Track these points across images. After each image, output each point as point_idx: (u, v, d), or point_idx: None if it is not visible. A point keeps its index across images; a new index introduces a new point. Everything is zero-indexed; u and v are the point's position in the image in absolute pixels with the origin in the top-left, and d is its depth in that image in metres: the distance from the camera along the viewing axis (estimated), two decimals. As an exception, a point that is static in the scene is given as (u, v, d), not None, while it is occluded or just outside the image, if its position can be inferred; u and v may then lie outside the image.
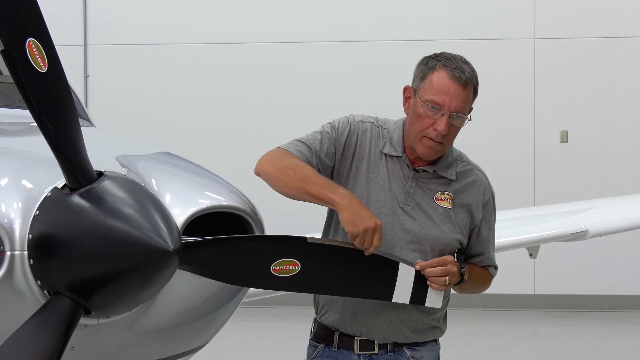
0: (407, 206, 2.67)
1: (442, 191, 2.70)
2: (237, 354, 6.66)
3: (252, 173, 2.64)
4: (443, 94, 2.57)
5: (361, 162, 2.70)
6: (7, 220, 1.93)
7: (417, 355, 2.74)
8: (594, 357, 6.89)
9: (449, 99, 2.57)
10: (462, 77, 2.57)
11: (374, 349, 2.70)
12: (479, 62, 2.48)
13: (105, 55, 8.70)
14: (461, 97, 2.58)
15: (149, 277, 1.90)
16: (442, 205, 2.69)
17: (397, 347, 2.71)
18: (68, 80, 1.95)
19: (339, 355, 2.73)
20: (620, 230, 5.02)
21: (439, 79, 2.59)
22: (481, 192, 2.76)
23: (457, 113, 2.59)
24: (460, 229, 2.71)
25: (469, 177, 2.75)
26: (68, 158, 1.90)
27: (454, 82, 2.57)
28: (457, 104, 2.58)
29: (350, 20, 8.36)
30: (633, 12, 8.35)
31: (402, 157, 2.70)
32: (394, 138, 2.71)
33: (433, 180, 2.71)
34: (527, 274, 8.24)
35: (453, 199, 2.70)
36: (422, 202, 2.68)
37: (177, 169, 2.42)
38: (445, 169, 2.72)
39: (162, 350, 2.30)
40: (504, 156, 8.36)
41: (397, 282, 2.51)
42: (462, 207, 2.72)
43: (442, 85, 2.57)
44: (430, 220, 2.67)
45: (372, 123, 2.74)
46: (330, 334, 2.75)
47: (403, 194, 2.68)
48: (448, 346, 7.56)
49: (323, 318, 2.78)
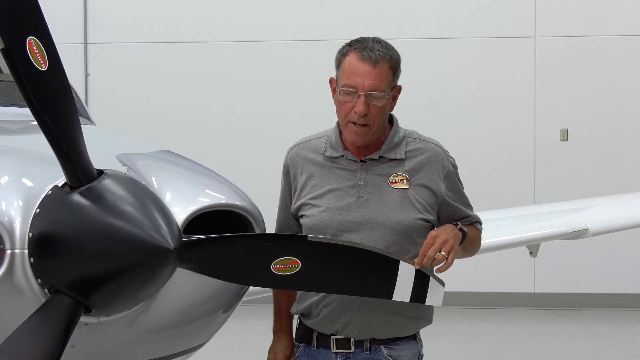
0: (360, 198, 2.67)
1: (394, 174, 2.70)
2: (237, 353, 6.66)
3: (252, 171, 2.64)
4: (355, 75, 2.60)
5: (310, 177, 2.73)
6: (7, 218, 1.93)
7: (394, 354, 2.72)
8: (594, 355, 6.89)
9: (362, 80, 2.59)
10: (372, 55, 2.59)
11: (350, 347, 2.70)
12: (480, 61, 2.48)
13: (105, 54, 8.70)
14: (373, 75, 2.59)
15: (149, 276, 1.90)
16: (397, 188, 2.68)
17: (373, 345, 2.70)
18: (68, 78, 1.95)
19: (318, 354, 2.74)
20: (620, 228, 5.02)
21: (349, 63, 2.62)
22: (438, 165, 2.73)
23: (373, 91, 2.60)
24: (424, 206, 2.69)
25: (422, 153, 2.73)
26: (68, 156, 1.90)
27: (364, 62, 2.59)
28: (370, 83, 2.59)
29: (350, 19, 8.35)
30: (634, 10, 8.35)
31: (345, 155, 2.72)
32: (333, 140, 2.75)
33: (382, 165, 2.71)
34: (527, 272, 8.24)
35: (409, 178, 2.70)
36: (375, 190, 2.68)
37: (178, 167, 2.42)
38: (391, 151, 2.71)
39: (163, 348, 2.30)
40: (505, 154, 8.36)
41: (397, 281, 2.50)
42: (421, 185, 2.70)
43: (352, 68, 2.60)
44: (385, 206, 2.66)
45: (298, 144, 2.81)
46: (310, 333, 2.76)
47: (355, 188, 2.69)
48: (448, 345, 7.59)
49: (303, 319, 2.80)
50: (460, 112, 8.40)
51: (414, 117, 8.63)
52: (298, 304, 2.80)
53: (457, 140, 8.36)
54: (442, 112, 8.32)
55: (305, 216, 2.72)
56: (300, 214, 2.74)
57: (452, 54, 8.33)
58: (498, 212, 5.32)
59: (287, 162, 2.80)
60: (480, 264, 5.61)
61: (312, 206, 2.71)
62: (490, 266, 7.49)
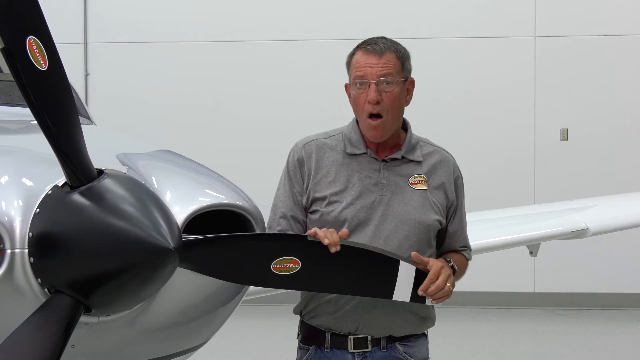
0: (384, 197, 2.70)
1: (414, 175, 2.75)
2: (237, 352, 6.67)
3: (252, 170, 2.65)
4: (363, 67, 2.68)
5: (328, 173, 2.73)
6: (7, 218, 1.93)
7: (409, 350, 2.75)
8: (594, 355, 6.89)
9: (370, 69, 2.67)
10: (377, 47, 2.68)
11: (368, 347, 2.70)
12: (480, 61, 2.48)
13: (105, 54, 8.70)
14: (381, 62, 2.67)
15: (150, 275, 1.90)
16: (417, 189, 2.74)
17: (390, 343, 2.72)
18: (68, 78, 1.95)
19: (332, 355, 2.73)
20: (620, 228, 5.02)
21: (356, 59, 2.72)
22: (451, 169, 2.81)
23: (382, 78, 2.66)
24: (439, 209, 2.75)
25: (435, 157, 2.80)
26: (68, 156, 1.90)
27: (370, 54, 2.69)
28: (378, 70, 2.66)
29: (350, 19, 8.36)
30: (634, 10, 8.35)
31: (367, 153, 2.75)
32: (353, 138, 2.77)
33: (403, 166, 2.76)
34: (527, 272, 8.25)
35: (427, 180, 2.75)
36: (397, 190, 2.72)
37: (178, 167, 2.42)
38: (411, 152, 2.77)
39: (162, 348, 2.30)
40: (505, 154, 8.37)
41: (398, 281, 2.51)
42: (436, 187, 2.76)
43: (360, 62, 2.70)
44: (408, 205, 2.70)
45: (313, 140, 2.80)
46: (321, 334, 2.74)
47: (377, 186, 2.71)
48: (449, 344, 7.58)
49: (311, 320, 2.77)
50: (461, 111, 8.41)
51: (414, 116, 8.63)
52: (307, 302, 2.78)
53: (458, 140, 8.39)
54: (442, 112, 8.33)
55: (321, 211, 2.71)
56: (313, 208, 2.73)
57: (452, 54, 8.33)
58: (498, 212, 5.33)
59: (301, 156, 2.76)
60: (480, 264, 5.60)
61: (332, 202, 2.70)
62: (490, 266, 7.48)
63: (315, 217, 2.71)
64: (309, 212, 2.75)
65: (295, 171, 2.77)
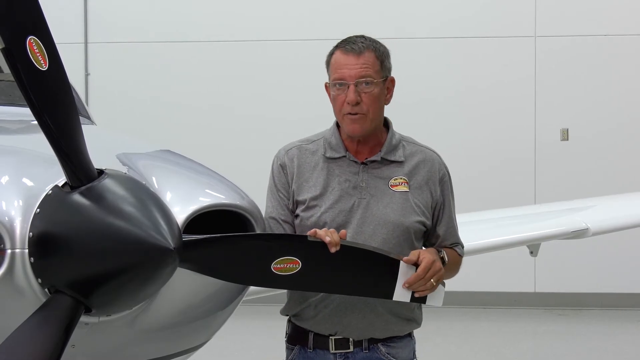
0: (362, 200, 2.69)
1: (395, 176, 2.73)
2: (237, 352, 6.67)
3: (252, 171, 2.65)
4: (341, 68, 2.68)
5: (309, 178, 2.73)
6: (7, 218, 1.93)
7: (392, 351, 2.74)
8: (594, 355, 6.89)
9: (348, 70, 2.66)
10: (355, 47, 2.67)
11: (349, 347, 2.70)
12: (480, 60, 2.48)
13: (105, 54, 8.70)
14: (359, 63, 2.66)
15: (150, 275, 1.90)
16: (398, 191, 2.71)
17: (372, 344, 2.71)
18: (69, 78, 1.95)
19: (315, 355, 2.73)
20: (620, 228, 5.03)
21: (335, 59, 2.71)
22: (435, 168, 2.77)
23: (361, 79, 2.65)
24: (422, 210, 2.72)
25: (418, 157, 2.77)
26: (69, 156, 1.90)
27: (348, 54, 2.67)
28: (357, 71, 2.65)
29: (350, 19, 8.35)
30: (634, 10, 8.35)
31: (347, 156, 2.74)
32: (333, 142, 2.76)
33: (383, 168, 2.73)
34: (527, 272, 8.25)
35: (408, 181, 2.73)
36: (376, 192, 2.70)
37: (178, 167, 2.42)
38: (391, 153, 2.75)
39: (163, 348, 2.30)
40: (505, 154, 8.36)
41: (398, 281, 2.50)
42: (419, 187, 2.73)
43: (338, 62, 2.69)
44: (387, 208, 2.68)
45: (295, 146, 2.80)
46: (305, 335, 2.75)
47: (356, 190, 2.70)
48: (449, 344, 7.59)
49: (297, 320, 2.78)
50: (461, 112, 8.41)
51: (414, 116, 8.63)
52: (290, 305, 2.79)
53: (458, 140, 8.41)
54: (442, 112, 8.33)
55: (302, 216, 2.71)
56: (296, 212, 2.74)
57: (453, 54, 8.33)
58: (498, 212, 5.33)
59: (284, 161, 2.77)
60: (480, 263, 5.61)
61: (311, 207, 2.70)
62: (490, 266, 7.49)
63: (297, 222, 2.72)
64: (295, 216, 2.75)
65: (280, 177, 2.78)
